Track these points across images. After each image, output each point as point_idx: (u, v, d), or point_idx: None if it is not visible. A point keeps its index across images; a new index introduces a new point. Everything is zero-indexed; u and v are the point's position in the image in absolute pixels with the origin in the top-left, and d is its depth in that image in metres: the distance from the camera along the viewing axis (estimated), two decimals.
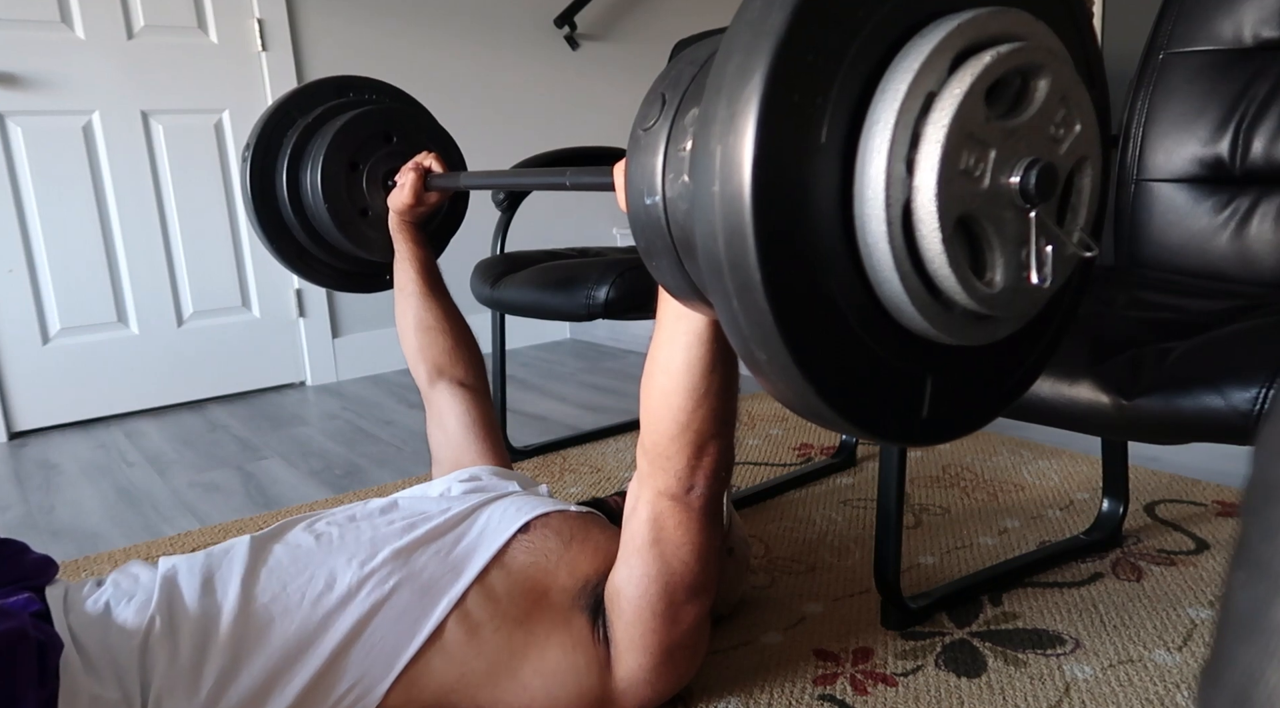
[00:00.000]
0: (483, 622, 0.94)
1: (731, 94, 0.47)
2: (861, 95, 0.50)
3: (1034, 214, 0.53)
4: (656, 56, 2.42)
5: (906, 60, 0.49)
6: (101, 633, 0.86)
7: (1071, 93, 0.54)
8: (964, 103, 0.48)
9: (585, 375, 2.89)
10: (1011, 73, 0.51)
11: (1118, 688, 1.07)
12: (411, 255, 1.39)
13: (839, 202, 0.50)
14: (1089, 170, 0.57)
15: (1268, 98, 1.29)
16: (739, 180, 0.47)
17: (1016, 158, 0.51)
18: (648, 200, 0.62)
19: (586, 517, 1.08)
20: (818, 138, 0.48)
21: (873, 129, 0.49)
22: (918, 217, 0.49)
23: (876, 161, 0.49)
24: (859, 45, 0.49)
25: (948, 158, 0.48)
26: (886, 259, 0.50)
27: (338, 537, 1.00)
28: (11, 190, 2.47)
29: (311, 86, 1.53)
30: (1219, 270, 1.30)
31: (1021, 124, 0.52)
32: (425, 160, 1.38)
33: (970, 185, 0.50)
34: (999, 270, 0.53)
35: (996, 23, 0.51)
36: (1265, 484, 0.30)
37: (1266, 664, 0.27)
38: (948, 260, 0.50)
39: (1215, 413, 0.79)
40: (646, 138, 0.62)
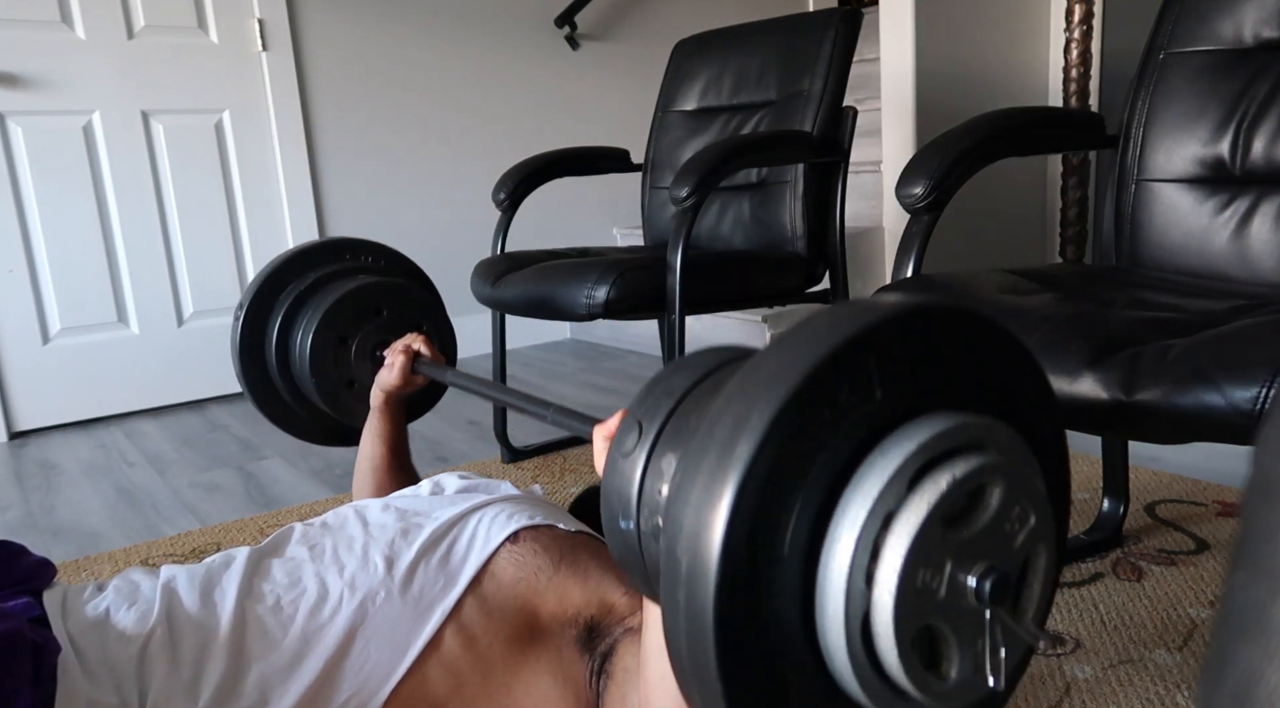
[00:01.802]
0: (478, 635, 0.93)
1: (703, 497, 0.50)
2: (822, 507, 0.52)
3: (989, 613, 0.55)
4: (656, 56, 2.42)
5: (866, 483, 0.52)
6: (100, 639, 0.86)
7: (1025, 490, 0.57)
8: (922, 530, 0.51)
9: (585, 375, 2.89)
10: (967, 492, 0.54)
11: (1118, 688, 1.06)
12: (385, 433, 1.40)
13: (800, 607, 0.53)
14: (1043, 554, 0.59)
15: (1268, 98, 1.29)
16: (704, 586, 0.49)
17: (973, 563, 0.54)
18: (623, 524, 0.66)
19: (577, 539, 1.06)
20: (780, 549, 0.51)
21: (834, 547, 0.52)
22: (876, 631, 0.52)
23: (837, 577, 0.51)
24: (824, 456, 0.52)
25: (906, 579, 0.51)
26: (846, 665, 0.52)
27: (330, 547, 1.00)
28: (12, 190, 2.47)
29: (307, 249, 1.54)
30: (1219, 270, 1.30)
31: (976, 532, 0.54)
32: (415, 343, 1.39)
33: (927, 599, 0.53)
34: (955, 666, 0.55)
35: (954, 436, 0.54)
36: (1266, 484, 0.30)
37: (1267, 664, 0.27)
38: (904, 670, 0.52)
39: (1216, 412, 0.79)
40: (624, 464, 0.66)
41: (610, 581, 1.00)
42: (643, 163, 2.24)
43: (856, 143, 1.89)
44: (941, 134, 1.28)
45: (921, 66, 2.48)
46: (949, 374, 0.57)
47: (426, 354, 1.39)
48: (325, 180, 2.93)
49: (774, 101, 1.99)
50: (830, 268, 1.88)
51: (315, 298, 1.47)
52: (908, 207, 1.23)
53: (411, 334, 1.42)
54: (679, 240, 1.58)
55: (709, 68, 2.15)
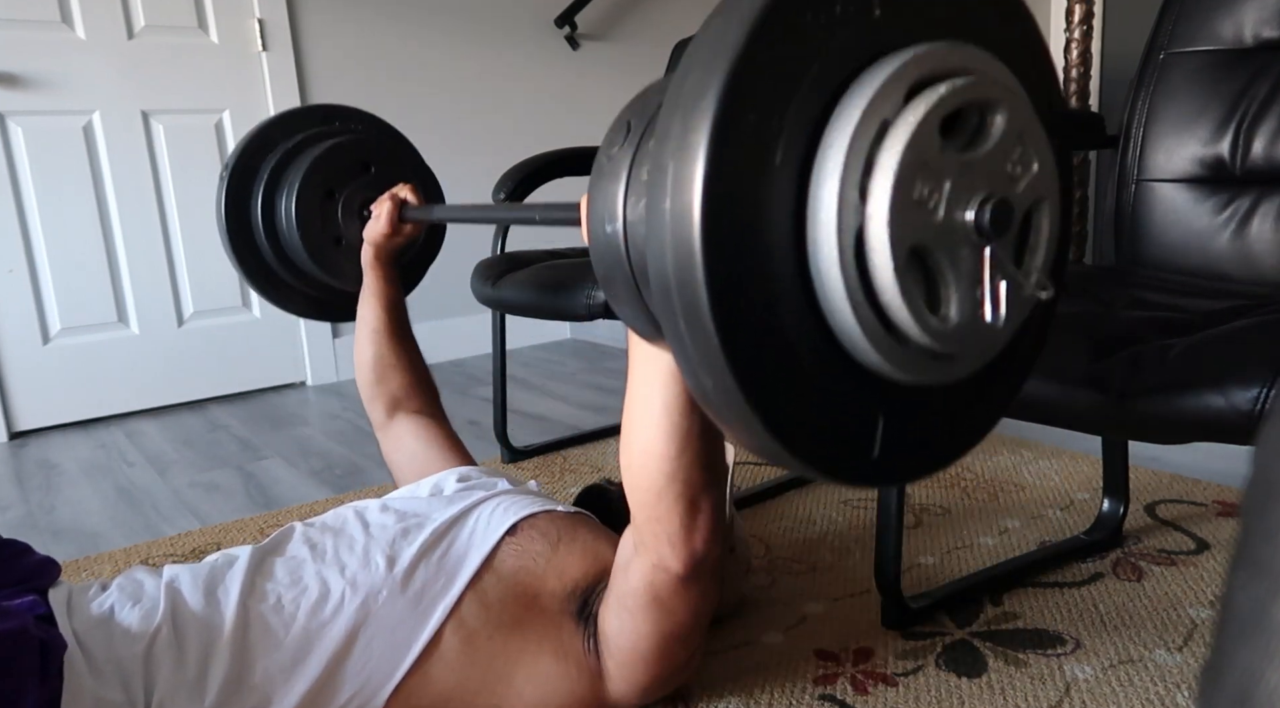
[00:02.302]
0: (478, 629, 0.94)
1: (686, 110, 0.47)
2: (818, 120, 0.49)
3: (989, 250, 0.52)
4: (657, 56, 2.42)
5: (862, 87, 0.49)
6: (106, 636, 0.87)
7: (1029, 131, 0.54)
8: (918, 131, 0.48)
9: (586, 375, 2.89)
10: (968, 106, 0.51)
11: (1118, 688, 1.07)
12: (380, 292, 1.37)
13: (792, 227, 0.49)
14: (1047, 211, 0.56)
15: (1268, 98, 1.29)
16: (689, 196, 0.46)
17: (972, 193, 0.51)
18: (608, 227, 0.61)
19: (574, 517, 1.08)
20: (772, 159, 0.48)
21: (827, 153, 0.48)
22: (870, 245, 0.48)
23: (829, 187, 0.48)
24: (817, 68, 0.48)
25: (901, 185, 0.48)
26: (838, 287, 0.49)
27: (331, 547, 1.01)
28: (12, 190, 2.47)
29: (296, 112, 1.53)
30: (1220, 270, 1.30)
31: (977, 158, 0.51)
32: (401, 191, 1.36)
33: (924, 216, 0.49)
34: (953, 306, 0.52)
35: (955, 57, 0.51)
36: (1266, 484, 0.30)
37: (1266, 664, 0.27)
38: (900, 290, 0.49)
39: (1216, 412, 0.79)
40: (609, 164, 0.61)
41: (605, 545, 1.01)
42: None
43: None
44: None
45: None
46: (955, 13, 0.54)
47: (414, 202, 1.36)
48: None
49: None
50: None
51: (302, 155, 1.44)
52: None
53: (398, 185, 1.39)
54: None
55: None
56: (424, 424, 1.36)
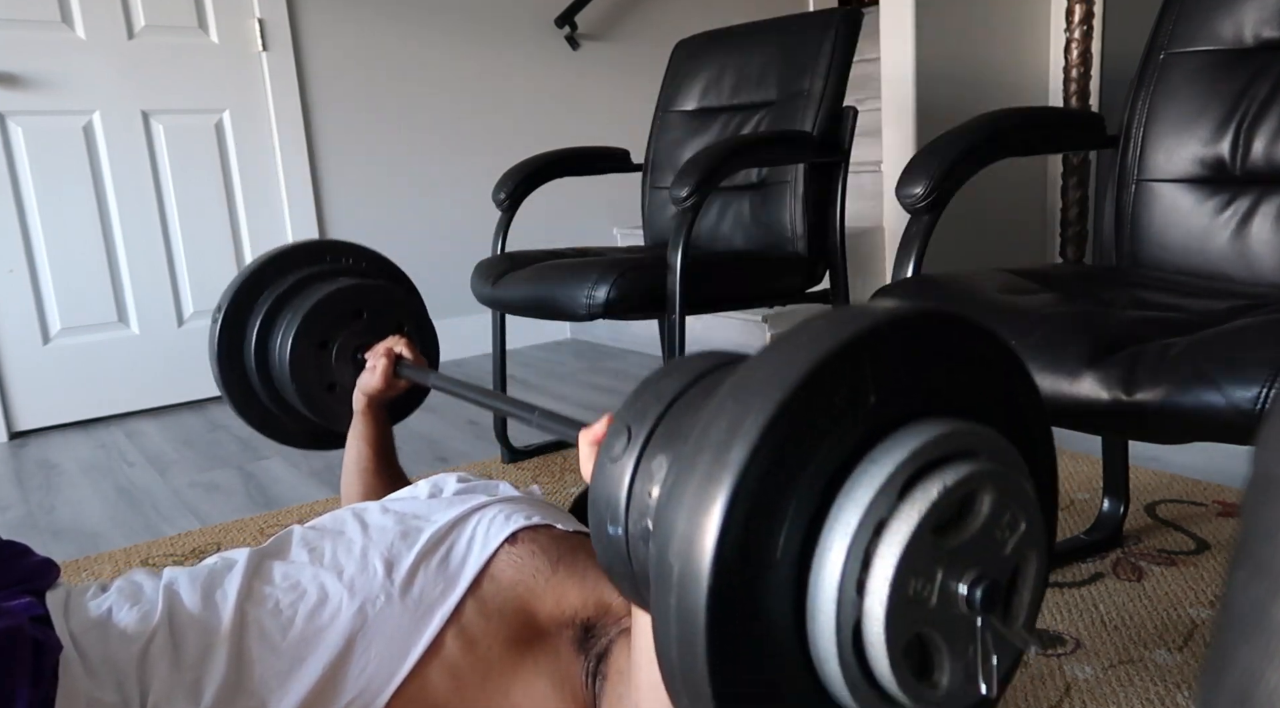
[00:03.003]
0: (477, 638, 0.93)
1: (695, 503, 0.50)
2: (815, 513, 0.52)
3: (980, 622, 0.55)
4: (656, 56, 2.42)
5: (858, 491, 0.52)
6: (102, 638, 0.86)
7: (1016, 496, 0.56)
8: (914, 537, 0.51)
9: (586, 375, 2.89)
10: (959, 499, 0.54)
11: (1118, 688, 1.06)
12: (370, 436, 1.39)
13: (792, 615, 0.52)
14: (1033, 560, 0.59)
15: (1268, 98, 1.29)
16: (698, 592, 0.49)
17: (964, 570, 0.54)
18: (610, 529, 0.65)
19: (575, 539, 1.06)
20: (773, 555, 0.51)
21: (826, 554, 0.52)
22: (868, 639, 0.51)
23: (828, 585, 0.51)
24: (817, 460, 0.51)
25: (897, 589, 0.51)
26: (837, 674, 0.52)
27: (329, 550, 1.00)
28: (12, 190, 2.47)
29: (287, 251, 1.53)
30: (1220, 270, 1.30)
31: (968, 539, 0.54)
32: (397, 346, 1.37)
33: (918, 607, 0.53)
34: (946, 674, 0.55)
35: (946, 443, 0.54)
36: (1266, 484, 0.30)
37: (1266, 664, 0.27)
38: (896, 679, 0.52)
39: (1216, 411, 0.79)
40: (613, 469, 0.65)
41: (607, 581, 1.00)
42: (643, 163, 2.24)
43: (856, 143, 1.89)
44: (941, 134, 1.28)
45: (921, 67, 2.48)
46: (941, 379, 0.57)
47: (409, 357, 1.38)
48: (325, 180, 2.93)
49: (774, 101, 1.99)
50: (830, 268, 1.88)
51: (294, 300, 1.45)
52: (908, 207, 1.23)
53: (393, 337, 1.40)
54: (679, 240, 1.58)
55: (709, 68, 2.15)
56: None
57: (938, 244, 1.25)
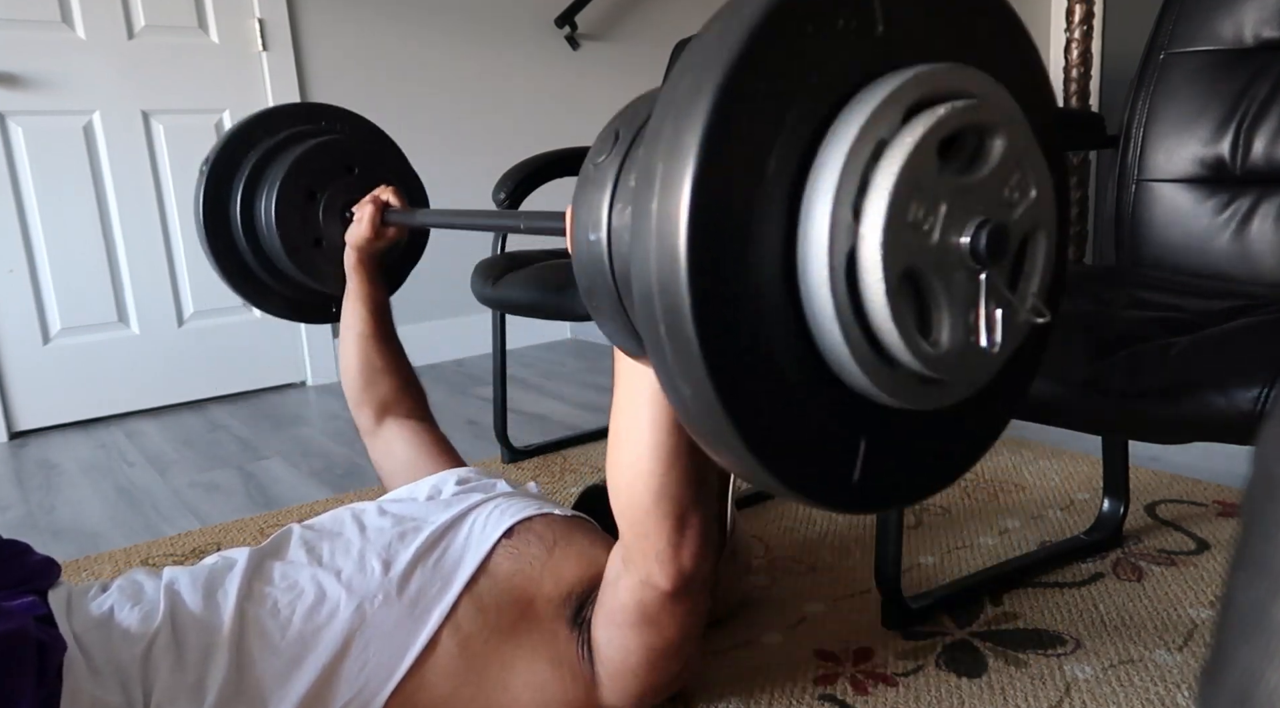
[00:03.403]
0: (474, 634, 0.94)
1: (679, 110, 0.46)
2: (813, 135, 0.48)
3: (984, 275, 0.51)
4: (657, 56, 2.42)
5: (860, 105, 0.48)
6: (105, 638, 0.87)
7: (1027, 157, 0.53)
8: (915, 152, 0.47)
9: (586, 375, 2.89)
10: (967, 129, 0.50)
11: (1118, 688, 1.07)
12: (364, 294, 1.35)
13: (782, 240, 0.48)
14: (1043, 238, 0.56)
15: (1268, 98, 1.29)
16: (677, 198, 0.44)
17: (968, 216, 0.50)
18: (591, 235, 0.59)
19: (571, 521, 1.07)
20: (765, 169, 0.46)
21: (820, 171, 0.47)
22: (862, 265, 0.47)
23: (822, 205, 0.47)
24: (815, 81, 0.47)
25: (895, 206, 0.46)
26: (828, 307, 0.48)
27: (327, 550, 1.01)
28: (12, 190, 2.47)
29: (280, 109, 1.51)
30: (1220, 270, 1.30)
31: (974, 182, 0.50)
32: (383, 194, 1.34)
33: (918, 238, 0.48)
34: (945, 331, 0.51)
35: (956, 79, 0.50)
36: (1266, 484, 0.30)
37: (1266, 664, 0.27)
38: (891, 313, 0.48)
39: (1216, 411, 0.79)
40: (596, 172, 0.60)
41: (601, 550, 1.01)
42: None
43: None
44: None
45: None
46: (957, 35, 0.53)
47: (396, 205, 1.34)
48: None
49: None
50: None
51: (283, 153, 1.41)
52: None
53: (380, 187, 1.37)
54: None
55: None
56: (414, 429, 1.35)
57: None
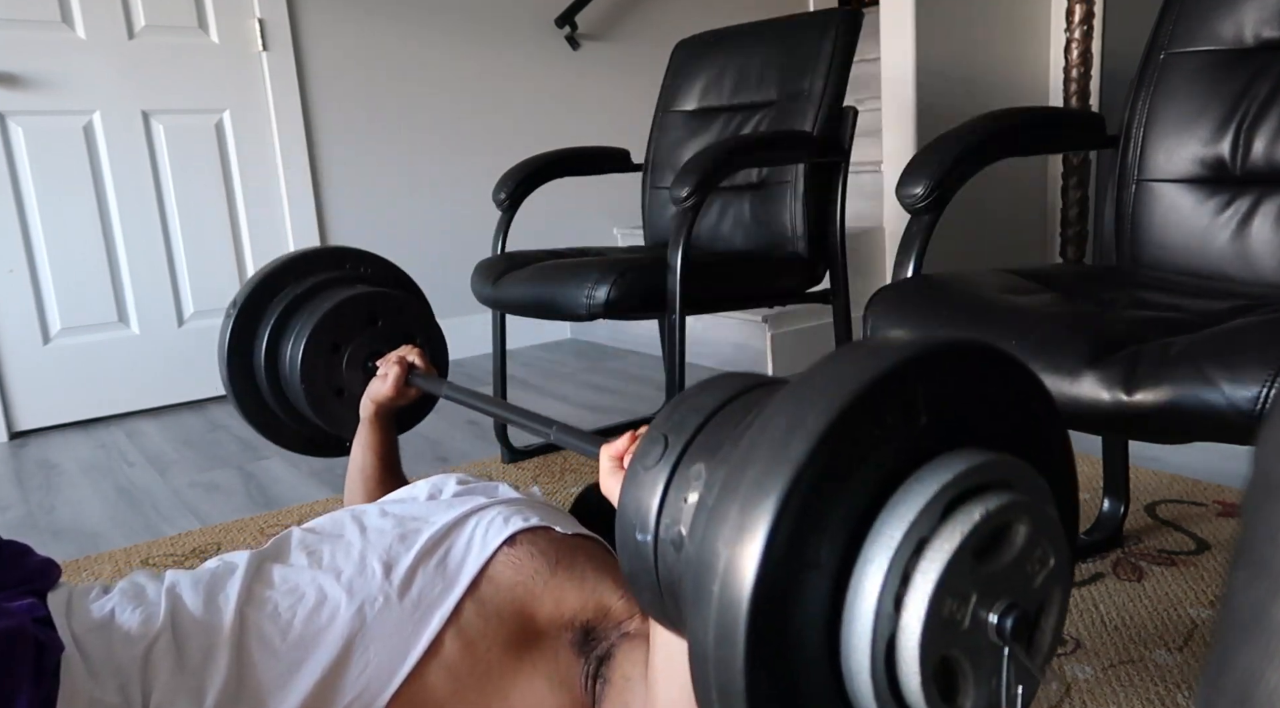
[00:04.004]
0: (476, 639, 0.93)
1: (746, 502, 0.50)
2: (859, 524, 0.53)
3: (1007, 652, 0.55)
4: (657, 56, 2.42)
5: (902, 507, 0.53)
6: (105, 639, 0.86)
7: (1048, 532, 0.57)
8: (954, 558, 0.51)
9: (586, 375, 2.89)
10: (998, 526, 0.55)
11: (1118, 688, 1.06)
12: (375, 444, 1.39)
13: (826, 622, 0.53)
14: (1058, 597, 0.60)
15: (1269, 98, 1.29)
16: (740, 587, 0.49)
17: (995, 598, 0.54)
18: (638, 536, 0.65)
19: (574, 541, 1.06)
20: (816, 557, 0.51)
21: (866, 568, 0.52)
22: (901, 655, 0.52)
23: (868, 597, 0.52)
24: (863, 474, 0.52)
25: (934, 608, 0.51)
26: (867, 688, 0.53)
27: (328, 553, 1.00)
28: (12, 190, 2.47)
29: (309, 254, 1.54)
30: (1220, 270, 1.30)
31: (1001, 567, 0.55)
32: (410, 356, 1.38)
33: (951, 629, 0.53)
34: (970, 699, 0.55)
35: (988, 472, 0.55)
36: (1266, 484, 0.30)
37: (1267, 664, 0.27)
38: (924, 699, 0.52)
39: (1216, 411, 0.79)
40: (647, 477, 0.66)
41: (607, 584, 1.00)
42: (643, 163, 2.24)
43: (857, 143, 1.89)
44: (941, 134, 1.28)
45: (921, 66, 2.48)
46: (985, 411, 0.59)
47: (421, 367, 1.38)
48: (325, 180, 2.93)
49: (774, 101, 1.99)
50: (831, 268, 1.88)
51: (311, 303, 1.46)
52: (908, 207, 1.23)
53: (406, 346, 1.41)
54: (679, 240, 1.58)
55: (709, 68, 2.15)
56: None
57: (938, 244, 1.25)
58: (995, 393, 0.60)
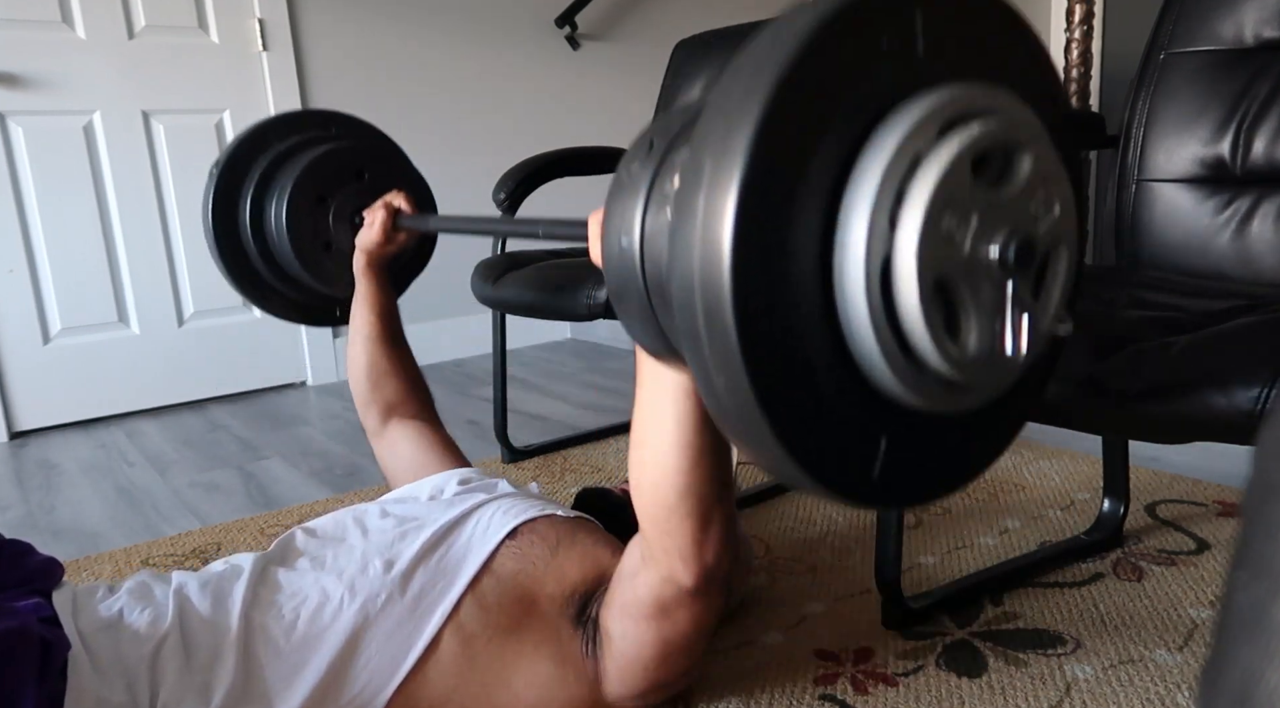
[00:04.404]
0: (476, 633, 0.94)
1: (730, 114, 0.47)
2: (852, 147, 0.50)
3: (1010, 285, 0.53)
4: (657, 56, 2.42)
5: (898, 120, 0.50)
6: (113, 639, 0.87)
7: (1052, 174, 0.55)
8: (951, 166, 0.49)
9: (586, 375, 2.89)
10: (998, 146, 0.52)
11: (1118, 688, 1.07)
12: (373, 299, 1.36)
13: (819, 246, 0.50)
14: (1064, 253, 0.58)
15: (1269, 98, 1.29)
16: (725, 196, 0.46)
17: (996, 229, 0.52)
18: (623, 240, 0.61)
19: (574, 522, 1.07)
20: (806, 179, 0.49)
21: (859, 181, 0.49)
22: (897, 273, 0.49)
23: (860, 214, 0.49)
24: (856, 96, 0.50)
25: (931, 218, 0.49)
26: (862, 311, 0.50)
27: (330, 555, 1.01)
28: (12, 190, 2.47)
29: (292, 115, 1.52)
30: (1220, 270, 1.30)
31: (1004, 197, 0.53)
32: (395, 199, 1.35)
33: (950, 249, 0.51)
34: (973, 337, 0.53)
35: (988, 98, 0.53)
36: (1266, 484, 0.30)
37: (1266, 664, 0.27)
38: (923, 318, 0.50)
39: (1216, 411, 0.79)
40: (629, 179, 0.61)
41: (604, 550, 1.01)
42: None
43: None
44: None
45: None
46: (987, 50, 0.56)
47: (407, 210, 1.35)
48: None
49: None
50: None
51: (295, 158, 1.42)
52: None
53: (391, 192, 1.37)
54: None
55: (709, 68, 2.15)
56: (419, 429, 1.36)
57: None
58: (997, 37, 0.57)
